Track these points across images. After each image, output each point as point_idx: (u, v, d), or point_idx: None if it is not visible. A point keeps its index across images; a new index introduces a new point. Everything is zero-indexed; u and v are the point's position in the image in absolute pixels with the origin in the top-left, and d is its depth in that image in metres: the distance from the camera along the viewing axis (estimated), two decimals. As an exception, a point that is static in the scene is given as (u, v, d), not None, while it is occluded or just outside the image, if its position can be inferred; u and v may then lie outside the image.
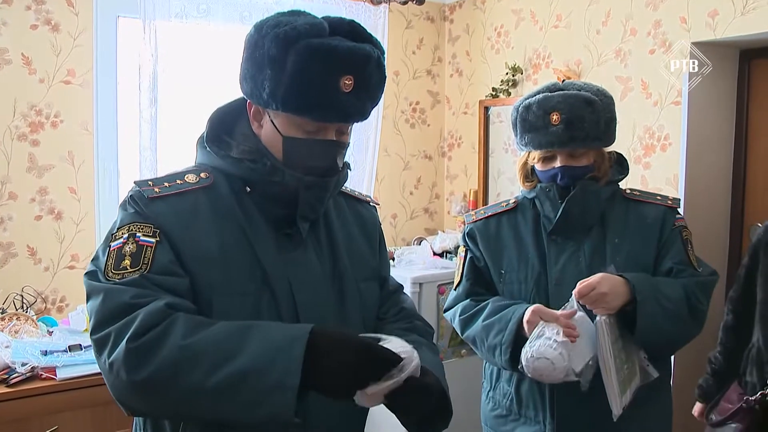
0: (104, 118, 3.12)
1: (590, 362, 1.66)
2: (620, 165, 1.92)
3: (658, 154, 3.01)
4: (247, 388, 1.05)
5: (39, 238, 2.98)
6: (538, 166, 1.85)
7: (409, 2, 3.74)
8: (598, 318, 1.69)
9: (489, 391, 1.99)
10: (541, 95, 1.80)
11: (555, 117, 1.74)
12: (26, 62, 2.89)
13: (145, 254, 1.16)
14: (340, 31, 1.22)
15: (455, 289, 2.01)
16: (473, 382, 2.14)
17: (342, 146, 1.29)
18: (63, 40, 2.97)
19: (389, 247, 3.78)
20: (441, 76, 4.25)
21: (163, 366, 1.06)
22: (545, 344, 1.60)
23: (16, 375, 2.29)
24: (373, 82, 1.24)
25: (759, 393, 1.97)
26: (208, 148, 1.32)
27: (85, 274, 1.19)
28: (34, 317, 2.73)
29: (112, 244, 1.18)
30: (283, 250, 1.29)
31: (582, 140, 1.75)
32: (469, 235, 1.98)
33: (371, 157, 3.72)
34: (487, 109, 3.92)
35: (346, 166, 1.36)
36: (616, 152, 1.94)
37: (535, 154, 1.83)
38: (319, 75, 1.17)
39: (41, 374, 2.33)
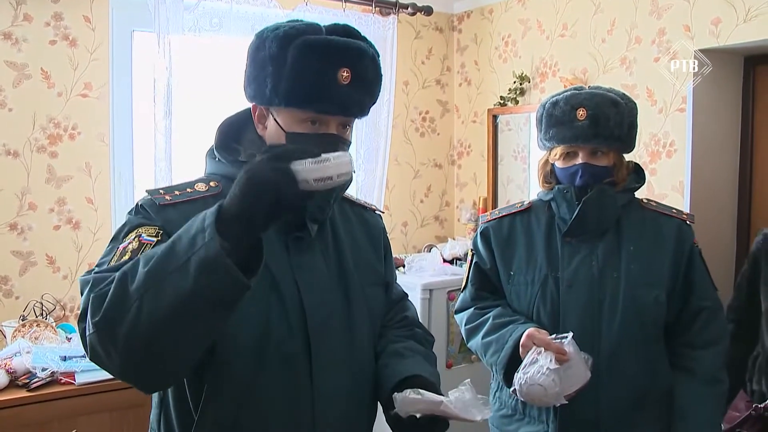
0: (120, 129, 3.19)
1: (579, 390, 1.69)
2: (637, 174, 1.95)
3: (663, 161, 3.04)
4: (174, 253, 1.04)
5: (57, 247, 3.05)
6: (559, 164, 1.88)
7: (418, 13, 3.80)
8: None
9: (496, 391, 2.03)
10: (568, 92, 1.85)
11: (581, 113, 1.78)
12: (45, 76, 2.97)
13: (143, 250, 1.17)
14: (335, 32, 1.29)
15: (462, 292, 2.07)
16: (482, 387, 2.16)
17: (344, 142, 1.32)
18: (80, 55, 3.04)
19: (400, 255, 3.84)
20: (450, 86, 4.31)
21: (114, 289, 1.05)
22: (538, 371, 1.63)
23: (36, 380, 2.36)
24: (370, 76, 1.30)
25: None
26: (217, 157, 1.37)
27: (80, 276, 1.19)
28: (53, 324, 2.80)
29: (119, 245, 1.20)
30: (291, 254, 1.33)
31: (605, 138, 1.78)
32: (483, 234, 2.01)
33: (381, 166, 3.76)
34: (495, 117, 3.97)
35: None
36: (634, 162, 1.97)
37: (557, 151, 1.86)
38: (317, 67, 1.23)
39: (60, 379, 2.40)
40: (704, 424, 1.79)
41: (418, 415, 1.25)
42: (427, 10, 3.83)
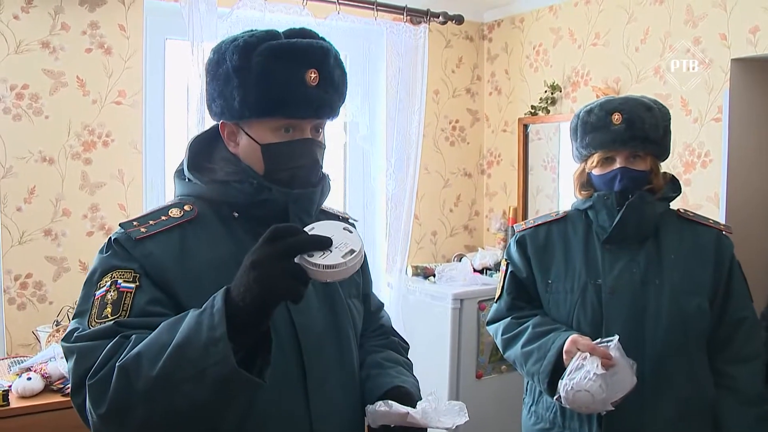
0: (153, 137, 3.23)
1: (625, 395, 1.66)
2: (673, 184, 1.95)
3: (698, 171, 3.00)
4: (186, 361, 1.00)
5: (90, 254, 3.03)
6: (597, 171, 1.88)
7: (449, 22, 3.80)
8: None
9: (531, 405, 1.99)
10: (602, 100, 1.87)
11: (617, 117, 1.79)
12: (80, 84, 3.01)
13: (125, 300, 1.14)
14: (294, 36, 1.27)
15: (496, 302, 2.05)
16: (513, 398, 2.15)
17: (319, 146, 1.31)
18: (115, 63, 3.08)
19: (429, 264, 3.83)
20: (480, 95, 4.30)
21: (117, 385, 1.03)
22: (585, 377, 1.60)
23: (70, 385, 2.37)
24: (336, 75, 1.28)
25: None
26: (189, 178, 1.33)
27: (62, 340, 1.16)
28: (86, 329, 2.82)
29: (96, 293, 1.16)
30: None
31: (641, 141, 1.79)
32: (519, 243, 2.00)
33: (412, 175, 3.75)
34: (526, 126, 3.95)
35: (327, 177, 1.37)
36: (670, 173, 1.97)
37: (595, 158, 1.86)
38: (284, 71, 1.22)
39: (93, 384, 2.41)
40: None
41: (392, 425, 1.26)
42: (458, 19, 3.82)
